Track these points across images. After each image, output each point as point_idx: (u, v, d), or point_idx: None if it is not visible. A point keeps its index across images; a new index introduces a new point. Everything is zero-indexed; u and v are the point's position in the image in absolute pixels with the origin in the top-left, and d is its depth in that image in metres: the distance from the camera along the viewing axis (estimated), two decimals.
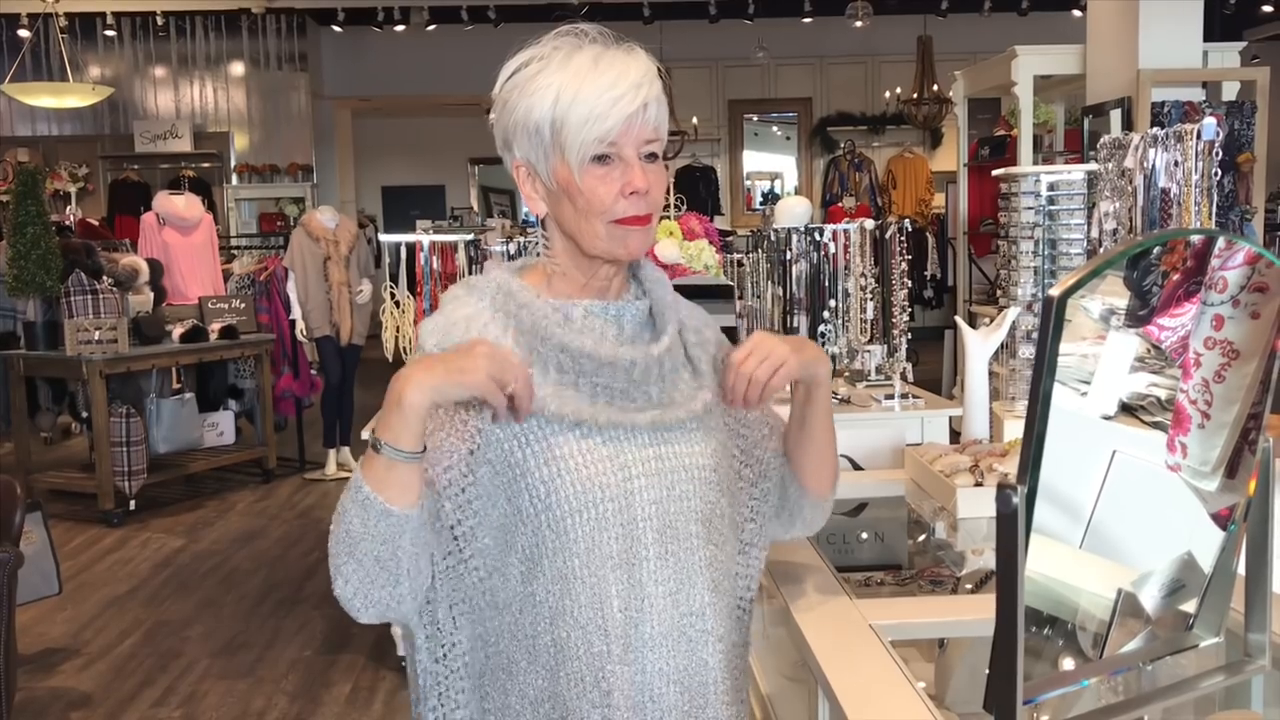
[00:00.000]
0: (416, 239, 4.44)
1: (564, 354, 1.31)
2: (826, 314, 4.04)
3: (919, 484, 2.43)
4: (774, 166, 13.29)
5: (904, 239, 3.96)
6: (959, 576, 2.04)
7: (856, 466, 2.57)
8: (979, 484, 2.22)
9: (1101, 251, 3.75)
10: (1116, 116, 5.66)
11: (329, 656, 4.21)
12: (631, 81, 1.28)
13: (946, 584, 2.00)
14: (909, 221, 4.17)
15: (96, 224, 9.38)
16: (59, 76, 10.62)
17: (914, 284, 6.30)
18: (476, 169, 14.55)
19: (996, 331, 2.82)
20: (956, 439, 2.98)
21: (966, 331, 2.80)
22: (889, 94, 12.28)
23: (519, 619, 1.30)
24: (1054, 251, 3.64)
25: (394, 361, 3.94)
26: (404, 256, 4.45)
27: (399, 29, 11.03)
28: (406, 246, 4.43)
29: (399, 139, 14.59)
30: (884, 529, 2.55)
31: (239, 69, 12.06)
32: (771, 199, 11.43)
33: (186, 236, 7.76)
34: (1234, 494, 1.07)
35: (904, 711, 1.33)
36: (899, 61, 11.85)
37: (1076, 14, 9.00)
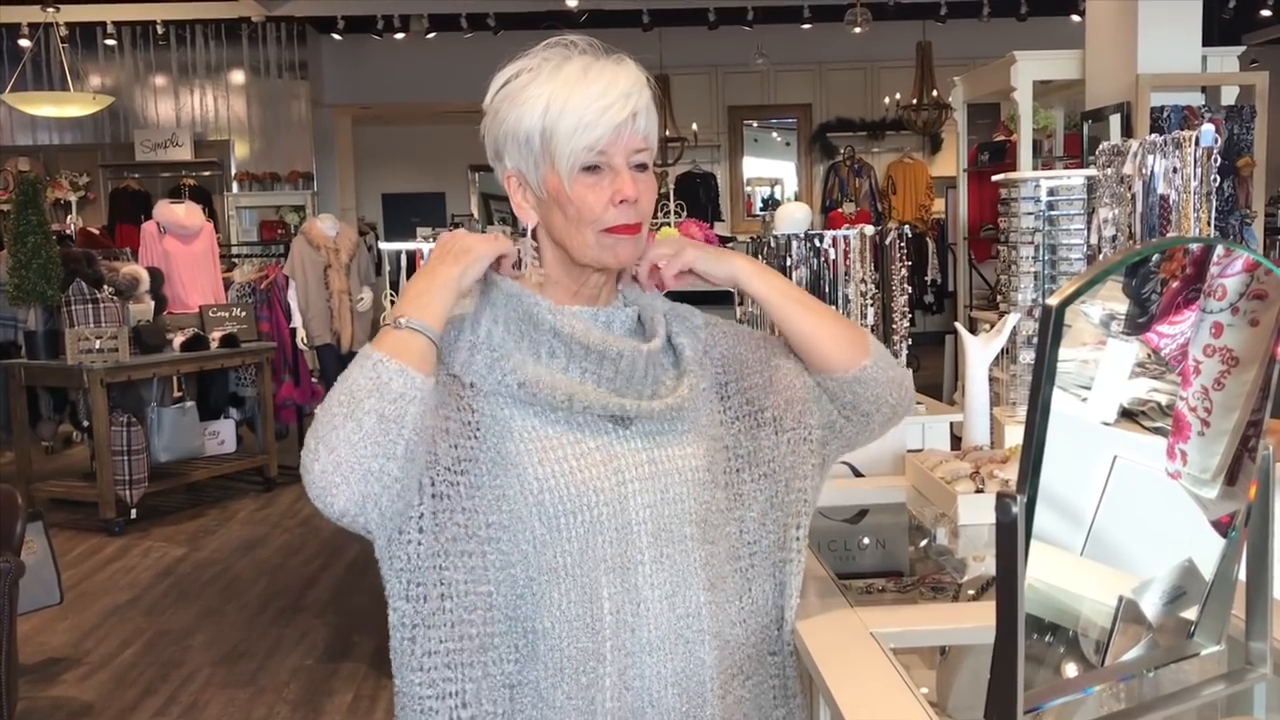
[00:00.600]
0: (417, 246, 4.45)
1: (555, 339, 1.33)
2: None
3: (920, 490, 2.43)
4: (774, 172, 13.30)
5: (904, 244, 3.95)
6: (960, 583, 2.04)
7: (857, 473, 2.56)
8: (980, 490, 2.21)
9: (1100, 259, 3.75)
10: (1116, 121, 5.65)
11: (331, 665, 4.20)
12: (621, 90, 1.29)
13: (948, 591, 2.00)
14: (909, 227, 4.16)
15: (97, 233, 9.38)
16: (60, 86, 10.64)
17: (914, 289, 6.29)
18: (477, 176, 14.56)
19: (997, 337, 2.82)
20: (957, 445, 2.98)
21: (967, 337, 2.80)
22: (888, 99, 12.29)
23: (493, 598, 1.29)
24: (1054, 256, 3.64)
25: None
26: (404, 264, 4.45)
27: (398, 37, 11.04)
28: (407, 254, 4.44)
29: (399, 146, 14.60)
30: (885, 535, 2.54)
31: (239, 77, 12.08)
32: (771, 205, 11.44)
33: (187, 245, 7.77)
34: (1234, 501, 1.07)
35: (905, 719, 1.33)
36: (898, 67, 11.85)
37: (1075, 19, 9.00)
